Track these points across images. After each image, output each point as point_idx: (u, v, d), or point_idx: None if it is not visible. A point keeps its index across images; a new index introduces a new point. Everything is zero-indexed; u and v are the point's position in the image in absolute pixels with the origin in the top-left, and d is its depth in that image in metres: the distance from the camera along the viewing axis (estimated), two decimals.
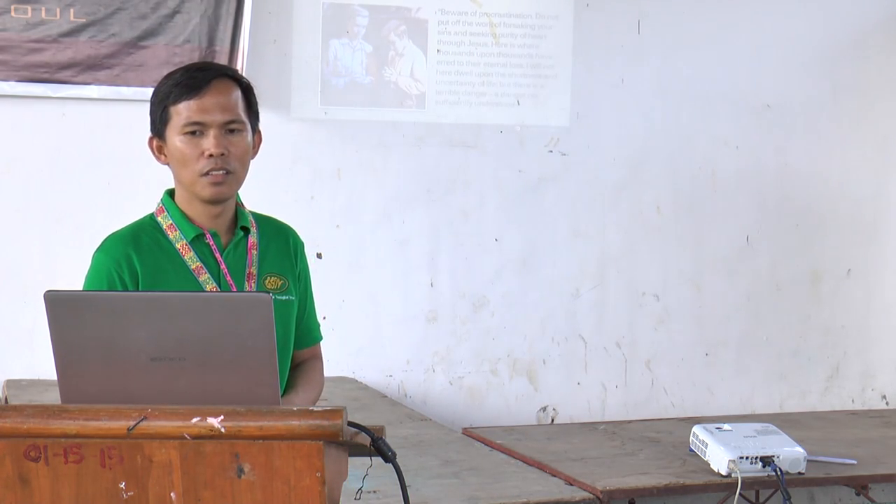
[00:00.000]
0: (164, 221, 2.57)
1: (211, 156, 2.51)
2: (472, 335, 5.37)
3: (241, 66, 4.81)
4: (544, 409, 5.47)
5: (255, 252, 2.61)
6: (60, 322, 2.00)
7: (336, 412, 1.91)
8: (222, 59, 4.82)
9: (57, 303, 2.00)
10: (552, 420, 5.47)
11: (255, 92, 2.64)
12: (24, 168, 4.83)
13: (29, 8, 4.67)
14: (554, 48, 5.39)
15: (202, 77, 2.53)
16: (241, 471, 1.91)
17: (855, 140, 5.83)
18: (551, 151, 5.43)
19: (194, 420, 1.90)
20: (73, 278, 2.73)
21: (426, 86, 5.26)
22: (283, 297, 2.61)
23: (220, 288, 2.53)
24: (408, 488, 2.16)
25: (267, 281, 2.62)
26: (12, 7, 4.65)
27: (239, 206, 2.65)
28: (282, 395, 2.57)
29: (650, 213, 5.58)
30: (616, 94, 5.49)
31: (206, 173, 2.51)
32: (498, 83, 5.35)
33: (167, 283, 2.50)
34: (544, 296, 5.45)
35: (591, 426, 5.09)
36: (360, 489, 2.40)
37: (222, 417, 1.89)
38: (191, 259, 2.54)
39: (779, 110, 5.71)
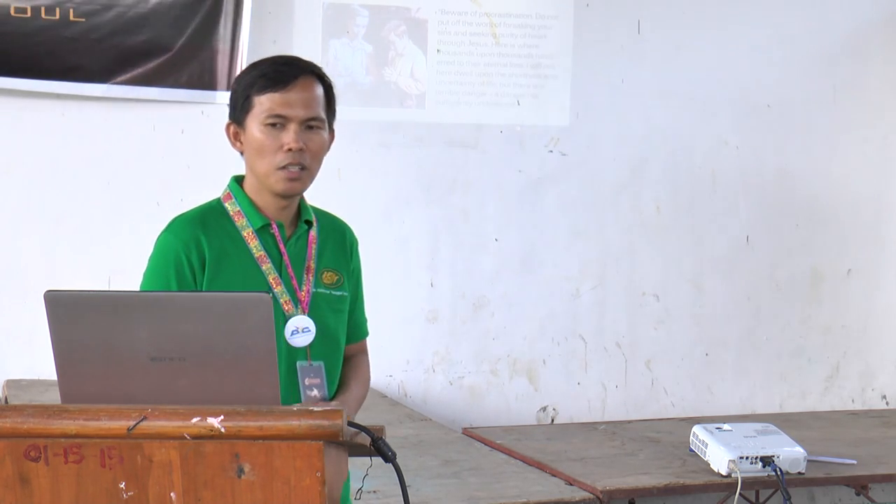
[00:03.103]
0: (232, 208, 2.60)
1: (290, 150, 2.54)
2: (472, 335, 5.37)
3: (241, 66, 4.81)
4: (544, 409, 5.47)
5: (314, 246, 2.65)
6: (60, 322, 2.00)
7: (336, 412, 1.91)
8: (223, 60, 4.82)
9: (57, 303, 2.00)
10: (552, 420, 5.46)
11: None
12: (24, 168, 4.83)
13: (28, 7, 4.66)
14: (554, 48, 5.39)
15: (289, 72, 2.57)
16: (241, 471, 1.91)
17: (855, 140, 5.83)
18: (551, 151, 5.42)
19: (194, 420, 1.90)
20: (74, 278, 2.73)
21: (426, 86, 5.26)
22: (338, 293, 2.65)
23: (280, 278, 2.56)
24: (408, 488, 2.16)
25: (324, 276, 2.66)
26: (11, 7, 4.64)
27: (302, 199, 2.67)
28: (335, 391, 2.60)
29: (650, 213, 5.57)
30: (616, 94, 5.48)
31: (283, 167, 2.54)
32: (498, 83, 5.34)
33: (231, 268, 2.54)
34: (544, 296, 5.45)
35: (591, 426, 5.09)
36: (360, 489, 2.41)
37: (222, 417, 1.89)
38: (256, 247, 2.58)
39: (779, 110, 5.70)
